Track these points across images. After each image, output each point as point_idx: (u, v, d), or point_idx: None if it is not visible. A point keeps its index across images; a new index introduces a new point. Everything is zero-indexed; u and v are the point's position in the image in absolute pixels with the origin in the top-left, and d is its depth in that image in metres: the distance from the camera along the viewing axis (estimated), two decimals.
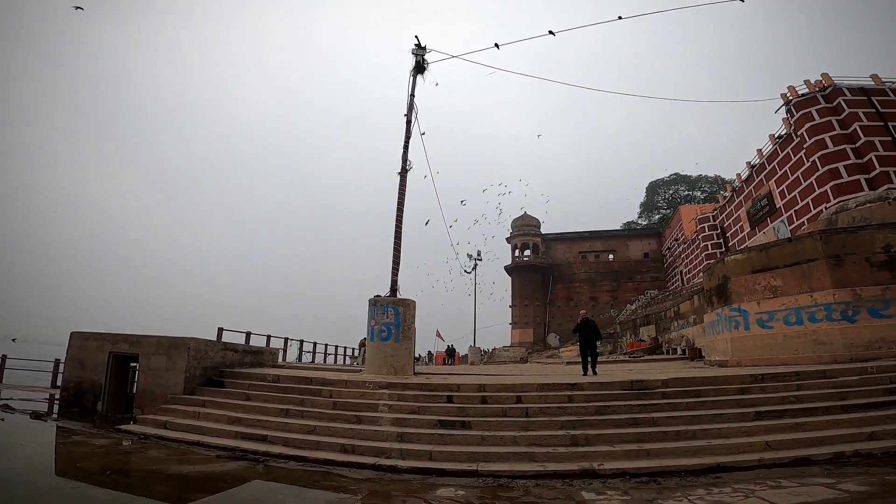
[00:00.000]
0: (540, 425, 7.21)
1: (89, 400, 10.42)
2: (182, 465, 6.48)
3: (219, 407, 9.17)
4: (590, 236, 57.08)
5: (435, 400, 8.52)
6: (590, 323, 11.58)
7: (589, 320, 11.65)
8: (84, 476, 5.86)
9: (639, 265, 54.42)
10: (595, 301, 52.99)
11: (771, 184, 29.82)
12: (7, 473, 5.50)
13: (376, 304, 11.52)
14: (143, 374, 10.30)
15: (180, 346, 10.22)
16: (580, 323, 11.63)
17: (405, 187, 13.06)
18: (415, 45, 13.83)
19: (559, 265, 55.33)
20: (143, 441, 7.83)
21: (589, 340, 11.39)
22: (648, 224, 63.14)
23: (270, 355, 13.45)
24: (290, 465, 6.54)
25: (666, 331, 26.31)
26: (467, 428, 7.31)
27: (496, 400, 8.29)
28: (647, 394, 8.17)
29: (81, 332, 11.19)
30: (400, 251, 12.62)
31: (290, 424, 7.98)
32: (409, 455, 6.59)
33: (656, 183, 66.09)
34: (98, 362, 10.65)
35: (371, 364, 11.27)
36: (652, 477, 5.44)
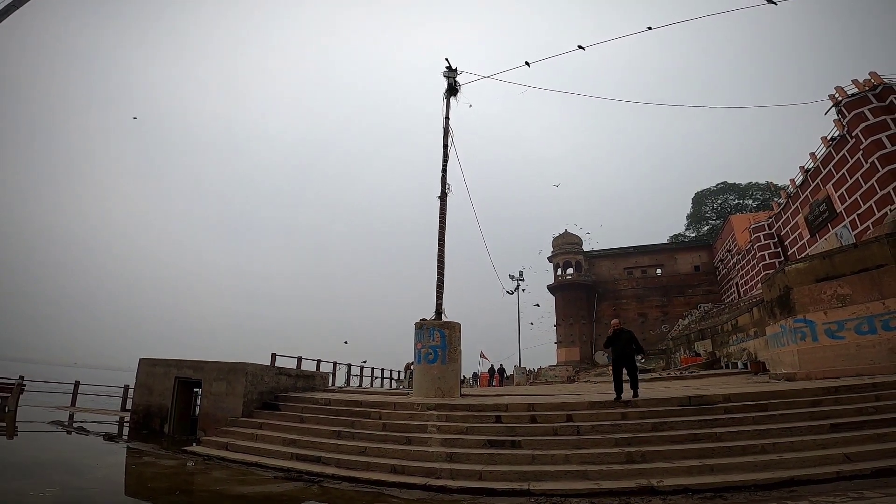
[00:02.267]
0: (592, 443, 7.04)
1: (157, 423, 11.06)
2: (243, 485, 6.76)
3: (275, 429, 9.49)
4: (635, 251, 55.40)
5: (483, 420, 8.50)
6: (625, 334, 9.30)
7: (624, 330, 9.38)
8: (154, 496, 6.22)
9: (689, 279, 52.09)
10: (644, 317, 51.00)
11: (829, 188, 28.17)
12: (84, 493, 5.89)
13: (422, 328, 11.66)
14: (205, 398, 10.89)
15: (238, 371, 10.73)
16: (612, 335, 9.41)
17: (445, 211, 13.16)
18: (446, 68, 14.11)
19: (604, 282, 53.87)
20: (206, 462, 8.20)
21: (625, 355, 9.19)
22: (697, 236, 60.55)
23: (321, 379, 13.83)
24: (343, 485, 6.67)
25: (724, 345, 25.00)
26: (517, 447, 7.23)
27: (546, 419, 8.18)
28: (708, 409, 7.95)
29: (149, 358, 11.97)
30: (443, 275, 12.69)
31: (342, 446, 8.16)
32: (458, 475, 6.58)
33: (703, 193, 63.65)
34: (165, 387, 11.34)
35: (419, 386, 11.36)
36: (717, 492, 5.21)
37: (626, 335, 9.27)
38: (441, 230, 13.02)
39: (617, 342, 9.27)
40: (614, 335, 9.35)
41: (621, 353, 9.23)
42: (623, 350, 9.17)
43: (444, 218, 13.14)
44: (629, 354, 9.15)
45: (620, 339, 9.24)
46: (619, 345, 9.25)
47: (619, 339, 9.25)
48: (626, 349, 9.14)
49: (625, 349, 9.15)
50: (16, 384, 13.52)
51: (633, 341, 9.19)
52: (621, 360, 9.23)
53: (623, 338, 9.23)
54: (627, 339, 9.20)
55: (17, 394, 13.39)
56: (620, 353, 9.25)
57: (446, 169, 13.50)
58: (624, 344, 9.17)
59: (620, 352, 9.25)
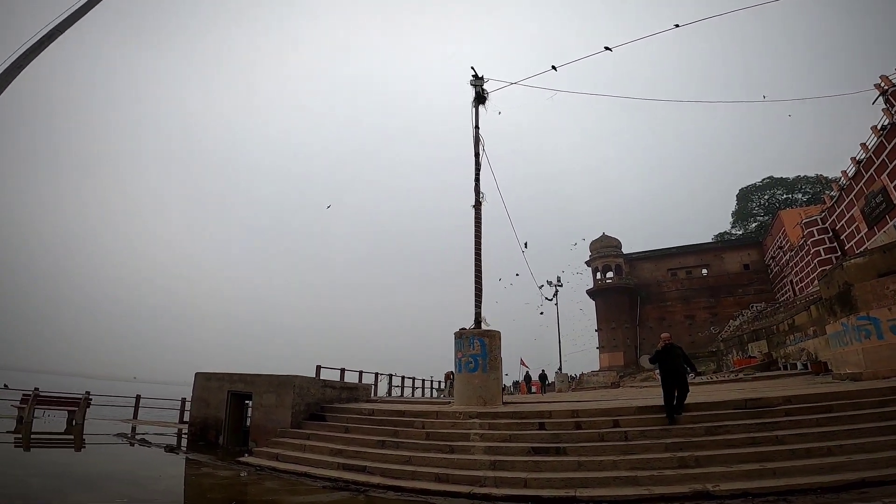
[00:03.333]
0: (642, 448, 6.85)
1: (212, 434, 11.55)
2: (293, 495, 6.96)
3: (322, 440, 9.72)
4: (678, 252, 53.44)
5: (526, 427, 8.42)
6: (675, 350, 8.55)
7: (674, 346, 8.60)
8: None
9: (739, 278, 49.71)
10: (691, 319, 48.98)
11: (884, 178, 26.45)
12: None
13: (462, 337, 11.68)
14: (256, 411, 11.28)
15: (286, 384, 11.09)
16: (662, 350, 8.59)
17: (480, 220, 13.11)
18: (472, 76, 14.14)
19: (647, 285, 52.21)
20: (259, 473, 8.48)
21: (675, 372, 8.32)
22: (745, 234, 57.90)
23: (364, 390, 14.08)
24: (389, 494, 6.76)
25: (780, 345, 23.73)
26: (562, 454, 7.13)
27: (591, 425, 8.04)
28: (767, 412, 7.68)
29: (204, 373, 12.53)
30: (481, 283, 12.62)
31: (387, 455, 8.28)
32: (502, 483, 6.55)
33: (747, 189, 60.89)
34: (219, 400, 11.84)
35: (460, 395, 11.36)
36: (781, 496, 5.03)
37: (677, 350, 8.57)
38: (477, 239, 12.99)
39: (667, 358, 8.48)
40: (664, 350, 8.57)
41: (671, 369, 8.39)
42: (673, 366, 8.37)
43: (480, 226, 13.11)
44: (680, 371, 8.35)
45: (671, 354, 8.47)
46: (668, 361, 8.44)
47: (670, 354, 8.48)
48: (676, 365, 8.37)
49: (675, 365, 8.38)
50: (82, 399, 14.47)
51: (684, 357, 8.51)
52: (671, 378, 8.34)
53: (674, 353, 8.49)
54: (678, 354, 8.49)
55: (84, 408, 14.32)
56: (670, 370, 8.42)
57: (479, 177, 13.47)
58: (674, 360, 8.41)
59: (670, 368, 8.42)
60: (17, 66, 4.74)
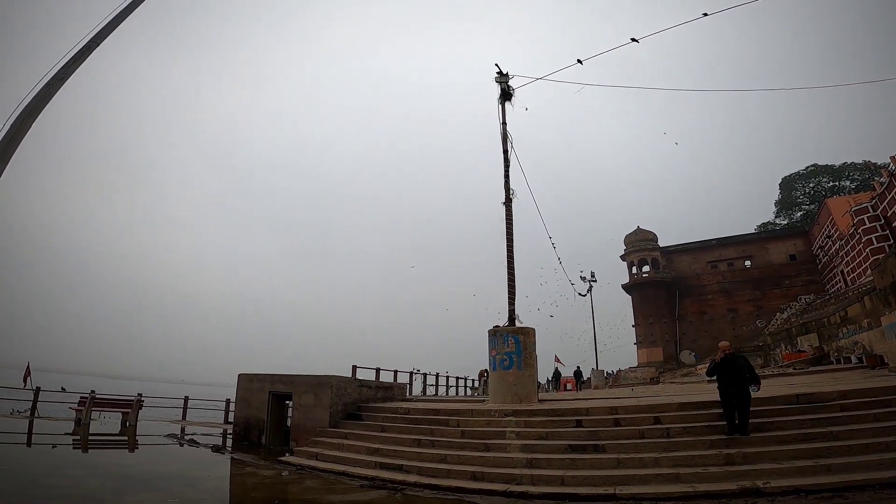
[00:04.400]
0: (685, 445, 6.65)
1: (255, 434, 11.94)
2: (332, 494, 7.09)
3: (359, 438, 9.87)
4: (718, 244, 51.44)
5: (563, 425, 8.31)
6: (738, 361, 7.42)
7: (736, 357, 7.49)
8: None
9: (784, 269, 47.41)
10: (734, 312, 47.05)
11: None
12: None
13: (496, 335, 11.63)
14: (296, 410, 11.59)
15: (324, 384, 11.33)
16: (721, 361, 7.49)
17: (511, 217, 13.02)
18: (497, 73, 14.08)
19: (685, 278, 50.49)
20: (299, 472, 8.68)
21: (736, 386, 7.20)
22: (790, 223, 55.35)
23: (399, 389, 14.22)
24: (425, 493, 6.80)
25: (832, 338, 22.55)
26: (600, 451, 6.99)
27: (630, 422, 7.86)
28: (820, 407, 7.41)
29: (246, 374, 12.96)
30: (514, 280, 12.55)
31: (423, 454, 8.32)
32: (539, 481, 6.48)
33: (791, 178, 58.32)
34: (260, 401, 12.22)
35: (495, 393, 11.31)
36: (837, 492, 4.83)
37: (740, 361, 7.44)
38: (508, 236, 12.92)
39: (726, 371, 7.37)
40: (723, 362, 7.49)
41: (731, 382, 7.28)
42: (734, 379, 7.24)
43: (511, 223, 13.03)
44: (742, 385, 7.17)
45: (732, 367, 7.36)
46: (728, 373, 7.33)
47: (731, 367, 7.37)
48: (737, 379, 7.22)
49: (736, 379, 7.23)
50: (135, 401, 15.23)
51: (748, 369, 7.35)
52: (731, 392, 7.25)
53: (735, 366, 7.37)
54: (740, 366, 7.35)
55: (137, 410, 15.07)
56: (730, 384, 7.30)
57: (508, 174, 13.41)
58: (735, 373, 7.29)
59: (731, 381, 7.30)
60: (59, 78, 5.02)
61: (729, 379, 7.26)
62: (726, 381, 7.28)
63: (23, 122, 4.58)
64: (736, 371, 7.28)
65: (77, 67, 5.18)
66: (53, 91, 4.96)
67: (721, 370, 7.43)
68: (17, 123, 4.61)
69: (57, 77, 5.00)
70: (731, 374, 7.27)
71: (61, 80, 5.03)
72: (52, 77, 4.96)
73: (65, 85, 5.23)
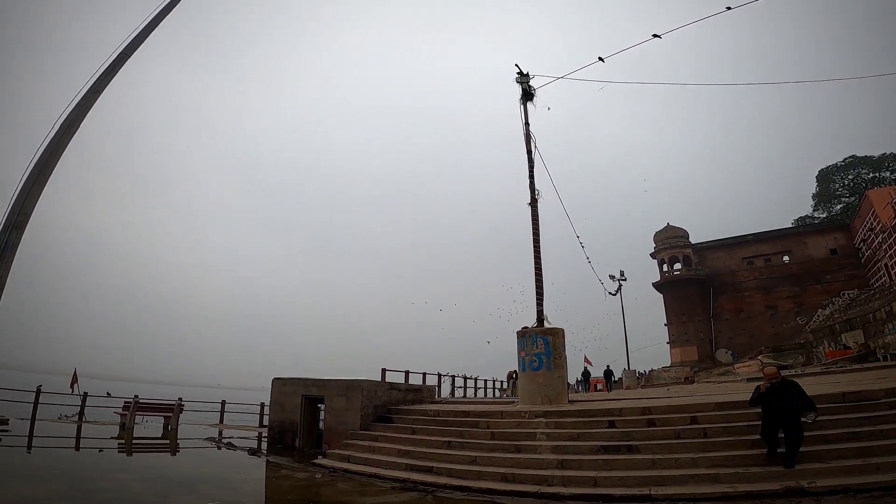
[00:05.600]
0: (723, 445, 6.45)
1: (289, 437, 12.19)
2: (364, 496, 7.20)
3: (389, 441, 9.95)
4: (754, 239, 49.65)
5: (595, 426, 8.18)
6: (789, 389, 6.21)
7: (787, 384, 6.32)
8: None
9: (825, 264, 45.38)
10: (773, 310, 45.25)
11: None
12: None
13: (525, 336, 11.55)
14: (328, 414, 11.80)
15: (355, 387, 11.50)
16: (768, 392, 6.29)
17: (537, 217, 12.94)
18: (518, 74, 14.02)
19: (720, 275, 48.91)
20: (332, 474, 8.82)
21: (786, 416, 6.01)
22: (829, 216, 53.11)
23: (428, 392, 14.30)
24: (456, 495, 6.82)
25: (878, 335, 21.48)
26: (634, 452, 6.85)
27: (665, 422, 7.68)
28: (868, 405, 7.08)
29: (280, 378, 13.24)
30: (542, 281, 12.46)
31: (453, 455, 8.33)
32: (571, 482, 6.41)
33: (828, 170, 56.13)
34: (294, 404, 12.46)
35: (524, 394, 11.22)
36: (887, 491, 4.59)
37: (791, 389, 6.20)
38: (535, 237, 12.85)
39: (775, 403, 6.14)
40: (771, 391, 6.25)
41: (781, 412, 6.08)
42: (784, 408, 6.04)
43: (537, 224, 12.96)
44: (793, 414, 5.98)
45: (781, 397, 6.12)
46: (778, 406, 6.11)
47: (780, 397, 6.12)
48: (789, 407, 6.01)
49: (788, 407, 6.02)
50: (176, 405, 15.76)
51: (801, 396, 6.09)
52: (780, 422, 6.09)
53: (786, 395, 6.11)
54: (792, 394, 6.12)
55: (178, 414, 15.59)
56: (779, 413, 6.11)
57: (533, 174, 13.34)
58: (786, 404, 6.04)
59: (781, 411, 6.10)
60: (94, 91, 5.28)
61: (778, 411, 6.07)
62: (774, 413, 6.14)
63: (63, 135, 4.84)
64: (787, 402, 6.06)
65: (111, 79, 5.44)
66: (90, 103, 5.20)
67: (768, 402, 6.25)
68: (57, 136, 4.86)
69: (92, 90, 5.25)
70: (780, 406, 6.05)
71: (96, 92, 5.28)
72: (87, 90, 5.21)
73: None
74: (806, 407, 5.96)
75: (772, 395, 6.18)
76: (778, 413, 6.06)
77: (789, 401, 6.01)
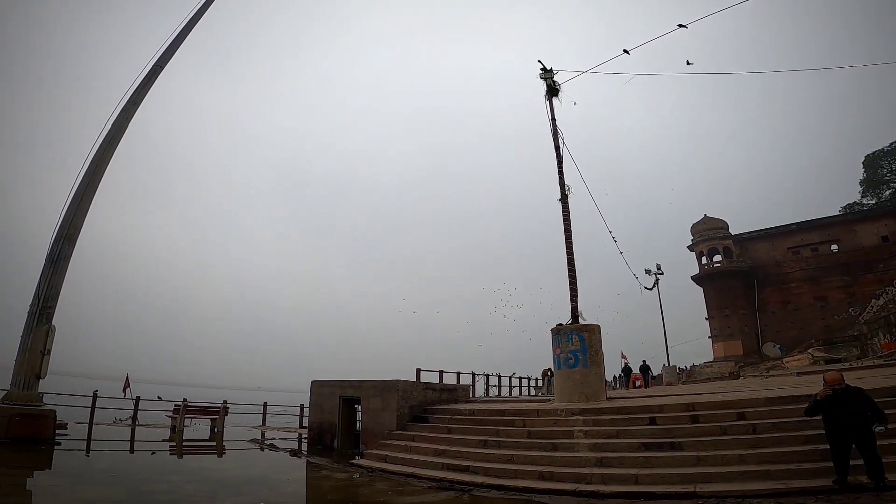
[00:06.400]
0: (774, 442, 6.17)
1: (328, 438, 12.45)
2: (402, 496, 7.26)
3: (425, 441, 10.00)
4: (798, 228, 47.24)
5: (635, 423, 7.99)
6: (855, 396, 5.46)
7: (851, 390, 5.53)
8: None
9: (877, 252, 42.69)
10: (823, 301, 42.88)
11: None
12: None
13: (559, 333, 11.39)
14: (365, 414, 11.97)
15: (391, 388, 11.63)
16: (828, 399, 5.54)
17: (568, 213, 12.79)
18: (541, 70, 13.87)
19: (763, 266, 46.79)
20: (370, 474, 8.93)
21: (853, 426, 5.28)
22: (878, 202, 50.15)
23: (463, 391, 14.30)
24: (493, 493, 6.78)
25: None
26: (677, 449, 6.65)
27: (710, 418, 7.41)
28: None
29: (319, 380, 13.57)
30: (575, 277, 12.31)
31: (489, 454, 8.30)
32: (611, 480, 6.28)
33: (875, 155, 53.21)
34: (332, 405, 12.74)
35: (561, 392, 11.07)
36: None
37: (856, 397, 5.43)
38: (567, 233, 12.70)
39: (837, 412, 5.41)
40: (833, 399, 5.48)
41: (848, 423, 5.31)
42: (850, 418, 5.30)
43: (569, 220, 12.82)
44: (861, 425, 5.22)
45: (844, 406, 5.38)
46: (841, 416, 5.37)
47: (842, 406, 5.39)
48: (856, 415, 5.28)
49: (854, 415, 5.28)
50: (221, 408, 16.34)
51: (868, 405, 5.34)
52: (848, 434, 5.31)
53: (851, 404, 5.36)
54: (858, 402, 5.36)
55: (223, 416, 16.15)
56: (845, 424, 5.34)
57: (562, 170, 13.21)
58: (850, 414, 5.31)
59: (847, 422, 5.32)
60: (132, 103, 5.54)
61: (842, 423, 5.33)
62: (838, 424, 5.38)
63: (106, 148, 5.10)
64: (851, 412, 5.28)
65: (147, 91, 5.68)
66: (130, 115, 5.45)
67: (829, 410, 5.50)
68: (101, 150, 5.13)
69: (131, 101, 5.50)
70: (844, 416, 5.29)
71: (135, 104, 5.53)
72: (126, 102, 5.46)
73: None
74: (876, 418, 5.20)
75: (833, 403, 5.43)
76: (843, 426, 5.31)
77: (855, 411, 5.25)
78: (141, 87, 5.45)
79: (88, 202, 4.79)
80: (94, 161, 4.91)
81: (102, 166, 5.02)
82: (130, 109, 5.31)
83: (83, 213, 4.78)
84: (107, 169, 5.08)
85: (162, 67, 5.80)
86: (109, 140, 5.21)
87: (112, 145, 5.20)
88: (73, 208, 4.61)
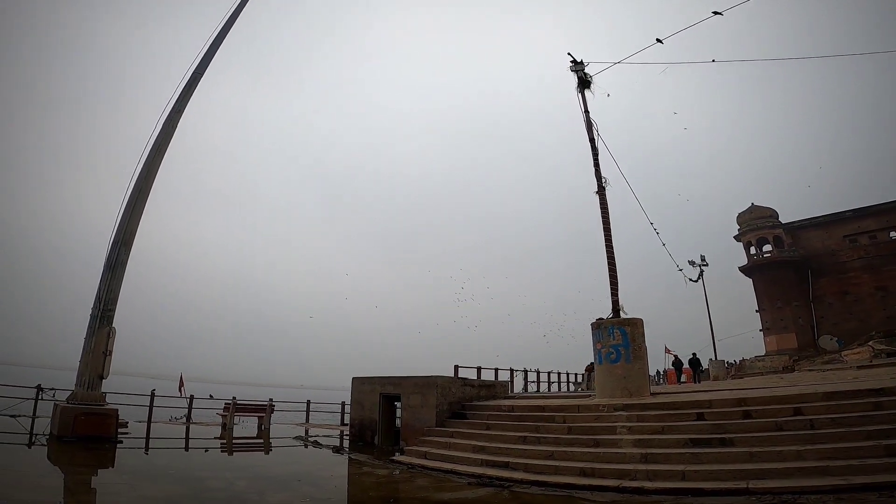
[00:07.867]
0: (834, 437, 5.83)
1: (369, 435, 12.68)
2: (442, 492, 7.29)
3: (464, 437, 10.02)
4: (854, 215, 44.13)
5: (681, 419, 7.71)
6: None
7: None
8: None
9: None
10: (884, 290, 39.90)
11: None
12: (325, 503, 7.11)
13: (600, 328, 11.21)
14: (405, 411, 12.10)
15: (430, 385, 11.73)
16: None
17: (606, 205, 12.58)
18: (571, 62, 13.70)
19: (817, 256, 44.07)
20: (410, 470, 9.03)
21: None
22: None
23: (502, 387, 14.24)
24: (533, 489, 6.72)
25: None
26: (727, 445, 6.40)
27: (764, 414, 7.09)
28: None
29: (359, 377, 13.84)
30: (616, 270, 12.09)
31: (529, 451, 8.24)
32: (656, 476, 6.10)
33: None
34: (373, 402, 12.96)
35: (602, 387, 10.86)
36: None
37: None
38: (605, 226, 12.50)
39: None
40: None
41: None
42: None
43: (607, 212, 12.62)
44: None
45: None
46: None
47: None
48: None
49: None
50: (267, 406, 16.93)
51: None
52: None
53: None
54: None
55: (269, 414, 16.73)
56: None
57: (598, 162, 13.05)
58: None
59: None
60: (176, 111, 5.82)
61: None
62: None
63: (154, 155, 5.38)
64: None
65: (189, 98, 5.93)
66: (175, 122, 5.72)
67: None
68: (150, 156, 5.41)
69: (175, 109, 5.77)
70: None
71: (178, 112, 5.79)
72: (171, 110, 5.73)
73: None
74: None
75: None
76: None
77: None
78: (183, 95, 5.71)
79: (141, 208, 5.08)
80: (144, 167, 5.20)
81: (153, 173, 5.31)
82: (175, 117, 5.58)
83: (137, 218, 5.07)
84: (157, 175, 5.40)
85: (201, 74, 6.06)
86: (158, 147, 5.49)
87: (160, 152, 5.48)
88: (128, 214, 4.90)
